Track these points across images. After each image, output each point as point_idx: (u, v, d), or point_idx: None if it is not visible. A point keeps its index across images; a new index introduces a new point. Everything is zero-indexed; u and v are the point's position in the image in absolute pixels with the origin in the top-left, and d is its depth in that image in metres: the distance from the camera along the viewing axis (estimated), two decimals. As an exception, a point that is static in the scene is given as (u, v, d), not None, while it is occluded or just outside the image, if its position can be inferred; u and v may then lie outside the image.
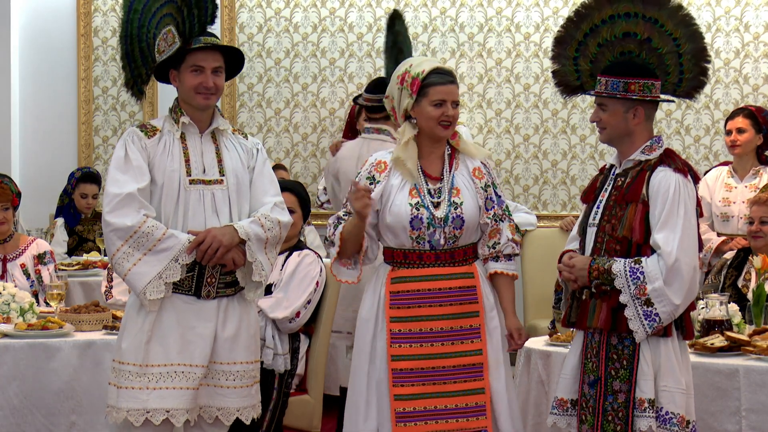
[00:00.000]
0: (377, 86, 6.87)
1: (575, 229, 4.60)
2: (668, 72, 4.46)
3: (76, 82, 9.69)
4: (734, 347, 4.87)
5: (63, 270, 7.27)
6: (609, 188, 4.47)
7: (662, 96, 4.48)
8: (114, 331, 5.38)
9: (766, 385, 4.66)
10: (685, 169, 4.39)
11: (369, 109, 6.99)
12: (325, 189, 8.99)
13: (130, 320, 4.67)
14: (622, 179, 4.43)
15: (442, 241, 4.64)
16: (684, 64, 4.46)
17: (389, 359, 4.60)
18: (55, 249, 7.49)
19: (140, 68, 4.78)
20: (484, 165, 4.78)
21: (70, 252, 8.41)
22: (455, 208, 4.65)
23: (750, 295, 5.43)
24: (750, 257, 5.69)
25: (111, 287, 6.74)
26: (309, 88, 9.67)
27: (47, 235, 8.42)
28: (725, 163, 7.58)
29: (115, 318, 5.54)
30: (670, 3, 4.47)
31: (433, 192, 4.68)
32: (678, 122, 9.49)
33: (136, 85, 4.81)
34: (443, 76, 4.68)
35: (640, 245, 4.35)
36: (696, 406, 4.71)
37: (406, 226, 4.62)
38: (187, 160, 4.68)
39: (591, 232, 4.47)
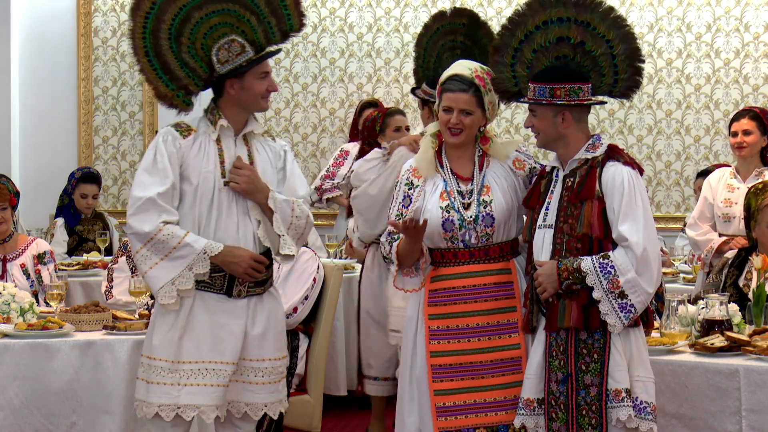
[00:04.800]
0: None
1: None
2: (603, 74, 4.54)
3: (76, 82, 9.69)
4: (734, 347, 4.87)
5: (63, 270, 7.27)
6: (558, 189, 4.53)
7: (597, 98, 4.54)
8: (114, 332, 5.38)
9: (766, 385, 4.66)
10: (632, 162, 4.49)
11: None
12: (322, 196, 8.94)
13: (161, 316, 4.72)
14: (571, 179, 4.51)
15: (474, 240, 4.69)
16: (618, 65, 4.53)
17: (428, 355, 4.68)
18: (55, 249, 7.49)
19: (183, 80, 4.71)
20: (519, 152, 4.81)
21: (70, 252, 8.41)
22: (484, 207, 4.68)
23: (751, 295, 5.43)
24: (750, 257, 5.69)
25: (111, 287, 6.75)
26: (309, 88, 9.68)
27: (47, 235, 8.43)
28: (720, 165, 7.60)
29: (115, 318, 5.54)
30: (602, 6, 4.54)
31: (464, 193, 4.72)
32: (678, 122, 9.50)
33: (179, 97, 4.73)
34: (455, 83, 4.71)
35: (600, 240, 4.44)
36: (696, 406, 4.73)
37: (439, 230, 4.68)
38: (222, 162, 4.73)
39: (541, 234, 4.53)
